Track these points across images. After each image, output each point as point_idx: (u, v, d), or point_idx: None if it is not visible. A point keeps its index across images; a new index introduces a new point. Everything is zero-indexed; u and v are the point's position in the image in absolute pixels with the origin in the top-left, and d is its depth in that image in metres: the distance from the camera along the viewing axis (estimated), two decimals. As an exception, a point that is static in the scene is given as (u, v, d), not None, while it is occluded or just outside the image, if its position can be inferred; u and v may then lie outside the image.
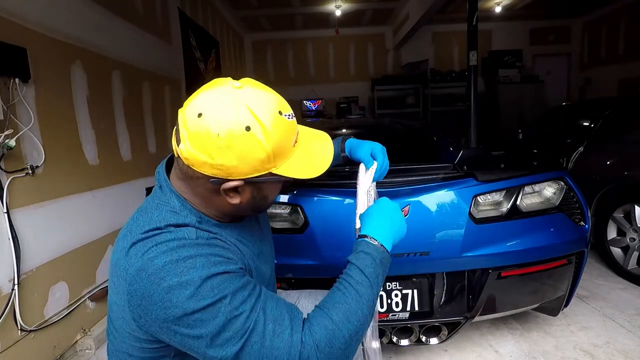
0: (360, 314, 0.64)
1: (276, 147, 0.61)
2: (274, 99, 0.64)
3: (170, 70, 3.53)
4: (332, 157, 0.73)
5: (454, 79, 7.01)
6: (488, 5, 6.19)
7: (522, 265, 1.49)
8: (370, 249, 0.70)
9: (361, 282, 0.67)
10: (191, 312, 0.57)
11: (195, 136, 0.59)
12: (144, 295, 0.58)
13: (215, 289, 0.58)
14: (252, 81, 0.66)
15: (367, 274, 0.68)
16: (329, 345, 0.61)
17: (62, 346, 1.90)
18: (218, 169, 0.60)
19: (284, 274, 1.50)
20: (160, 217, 0.64)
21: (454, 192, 1.45)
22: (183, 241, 0.61)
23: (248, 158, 0.60)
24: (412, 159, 1.95)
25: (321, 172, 0.69)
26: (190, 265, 0.58)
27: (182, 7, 3.89)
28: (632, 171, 2.39)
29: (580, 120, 3.12)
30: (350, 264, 0.70)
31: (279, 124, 0.62)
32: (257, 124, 0.59)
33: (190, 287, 0.57)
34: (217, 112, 0.59)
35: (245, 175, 0.62)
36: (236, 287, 0.60)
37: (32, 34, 1.79)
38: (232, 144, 0.58)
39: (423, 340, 1.53)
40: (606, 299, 2.17)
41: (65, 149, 2.00)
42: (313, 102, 7.19)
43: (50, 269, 1.84)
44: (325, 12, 6.11)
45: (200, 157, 0.60)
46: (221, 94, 0.61)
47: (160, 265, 0.58)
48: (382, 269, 0.70)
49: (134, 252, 0.61)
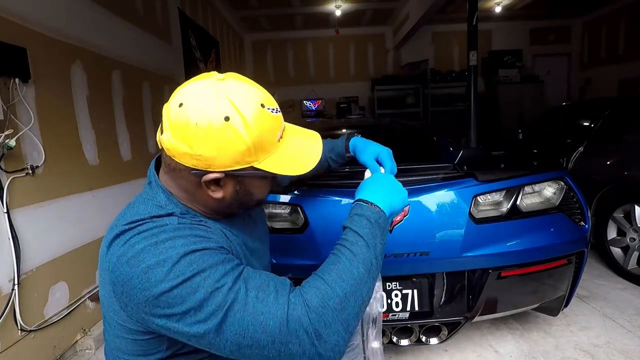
0: (356, 272, 0.62)
1: (257, 140, 0.60)
2: (257, 92, 0.63)
3: (170, 70, 3.53)
4: (319, 156, 0.72)
5: (454, 79, 7.01)
6: (488, 5, 6.19)
7: (522, 265, 1.49)
8: (363, 210, 0.69)
9: (355, 242, 0.65)
10: (169, 288, 0.55)
11: (175, 126, 0.59)
12: (125, 281, 0.57)
13: (193, 263, 0.57)
14: (237, 75, 0.65)
15: (362, 234, 0.65)
16: (322, 305, 0.57)
17: (62, 346, 1.90)
18: (197, 159, 0.60)
19: (284, 274, 1.49)
20: (146, 210, 0.64)
21: (454, 192, 1.45)
22: (164, 227, 0.61)
23: (227, 149, 0.59)
24: (412, 159, 1.95)
25: (306, 169, 0.68)
26: (169, 246, 0.58)
27: (182, 7, 3.89)
28: (632, 171, 2.39)
29: (580, 120, 3.12)
30: (346, 228, 0.68)
31: (261, 116, 0.61)
32: (237, 114, 0.59)
33: (167, 264, 0.56)
34: (198, 102, 0.59)
35: (225, 168, 0.61)
36: (216, 260, 0.58)
37: (32, 34, 1.79)
38: (210, 133, 0.58)
39: (423, 340, 1.53)
40: (606, 299, 2.17)
41: (65, 149, 2.00)
42: (313, 102, 7.19)
43: (50, 269, 1.84)
44: (325, 12, 6.11)
45: (180, 148, 0.59)
46: (203, 85, 0.61)
47: (139, 249, 0.58)
48: (379, 229, 0.68)
49: (116, 242, 0.61)
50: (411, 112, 6.98)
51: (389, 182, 0.77)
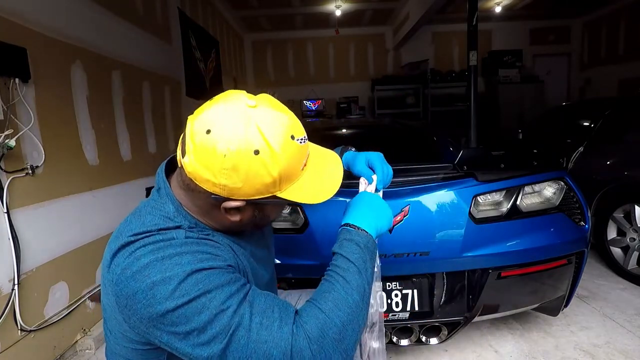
0: (351, 300, 0.62)
1: (283, 172, 0.60)
2: (288, 121, 0.61)
3: (170, 70, 3.53)
4: (340, 182, 0.71)
5: (454, 79, 7.01)
6: (488, 5, 6.19)
7: (522, 265, 1.49)
8: (352, 236, 0.69)
9: (347, 269, 0.65)
10: (174, 307, 0.55)
11: (201, 152, 0.57)
12: (129, 295, 0.57)
13: (199, 283, 0.56)
14: (269, 100, 0.63)
15: (353, 260, 0.66)
16: (322, 336, 0.58)
17: (62, 346, 1.90)
18: (220, 188, 0.59)
19: (284, 274, 1.50)
20: (153, 222, 0.63)
21: (454, 192, 1.45)
22: (171, 241, 0.60)
23: (253, 182, 0.58)
24: (412, 159, 1.95)
25: (327, 197, 0.67)
26: (175, 262, 0.57)
27: (182, 7, 3.89)
28: (632, 171, 2.39)
29: (580, 120, 3.12)
30: (336, 254, 0.68)
31: (290, 148, 0.60)
32: (266, 147, 0.57)
33: (173, 282, 0.55)
34: (227, 130, 0.56)
35: (248, 197, 0.61)
36: (222, 281, 0.58)
37: (32, 34, 1.79)
38: (238, 166, 0.57)
39: (423, 340, 1.53)
40: (606, 299, 2.17)
41: (65, 149, 2.00)
42: (313, 102, 7.19)
43: (50, 269, 1.84)
44: (325, 12, 6.11)
45: (203, 174, 0.58)
46: (233, 111, 0.58)
47: (145, 264, 0.57)
48: (369, 254, 0.68)
49: (121, 254, 0.60)
50: (411, 112, 6.99)
51: (374, 202, 0.76)
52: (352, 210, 0.75)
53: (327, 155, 0.75)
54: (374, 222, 0.73)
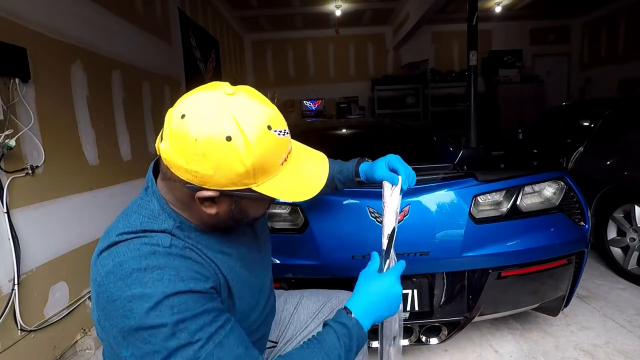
0: None
1: (258, 163, 0.58)
2: (266, 111, 0.60)
3: (170, 70, 3.53)
4: (324, 183, 0.69)
5: (454, 79, 7.02)
6: (488, 5, 6.20)
7: (522, 265, 1.49)
8: (350, 323, 0.68)
9: (334, 348, 0.65)
10: (147, 327, 0.55)
11: (174, 137, 0.57)
12: (109, 300, 0.57)
13: (175, 307, 0.56)
14: (249, 90, 0.62)
15: (343, 342, 0.66)
16: None
17: (62, 346, 1.90)
18: (192, 175, 0.57)
19: (284, 274, 1.50)
20: (138, 221, 0.63)
21: (454, 192, 1.45)
22: (155, 247, 0.59)
23: (224, 169, 0.57)
24: (412, 159, 1.95)
25: (308, 197, 0.65)
26: (157, 277, 0.56)
27: (182, 7, 3.89)
28: (632, 171, 2.39)
29: (580, 120, 3.12)
30: (329, 327, 0.68)
31: (266, 138, 0.58)
32: (239, 135, 0.56)
33: (151, 301, 0.55)
34: (200, 116, 0.56)
35: (221, 187, 0.59)
36: (199, 310, 0.57)
37: (32, 34, 1.79)
38: (208, 152, 0.55)
39: (423, 340, 1.53)
40: (606, 299, 2.17)
41: (65, 149, 2.00)
42: (313, 102, 7.19)
43: (50, 269, 1.84)
44: (325, 12, 6.11)
45: (177, 160, 0.57)
46: (210, 98, 0.58)
47: (128, 272, 0.57)
48: (357, 342, 0.68)
49: (106, 255, 0.60)
50: (411, 112, 6.99)
51: (389, 295, 0.74)
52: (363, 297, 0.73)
53: (314, 155, 0.73)
54: (377, 319, 0.72)
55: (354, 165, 1.04)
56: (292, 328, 1.00)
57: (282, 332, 0.99)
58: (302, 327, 0.99)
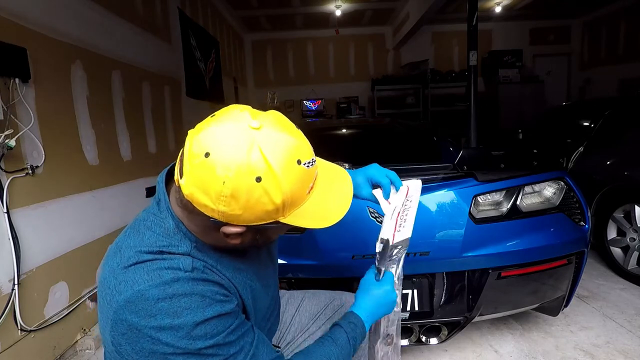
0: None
1: (287, 199, 0.56)
2: (295, 145, 0.56)
3: (170, 70, 3.53)
4: (349, 203, 0.67)
5: (454, 79, 7.02)
6: (488, 5, 6.20)
7: (522, 265, 1.49)
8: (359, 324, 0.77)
9: (345, 347, 0.73)
10: (180, 353, 0.56)
11: (198, 176, 0.53)
12: (132, 327, 0.56)
13: (208, 333, 0.57)
14: (275, 119, 0.58)
15: (352, 344, 0.74)
16: None
17: (62, 346, 1.90)
18: (219, 214, 0.55)
19: (284, 274, 1.50)
20: (152, 239, 0.60)
21: (454, 192, 1.45)
22: (177, 273, 0.57)
23: (254, 209, 0.55)
24: (412, 159, 1.95)
25: (335, 221, 0.63)
26: (185, 306, 0.56)
27: (182, 7, 3.89)
28: (632, 171, 2.39)
29: (580, 120, 3.12)
30: (340, 328, 0.75)
31: (296, 174, 0.56)
32: (269, 174, 0.53)
33: (183, 331, 0.55)
34: (226, 154, 0.52)
35: (248, 223, 0.57)
36: (229, 330, 0.60)
37: (32, 34, 1.79)
38: (238, 193, 0.52)
39: (423, 340, 1.53)
40: (606, 299, 2.17)
41: (65, 149, 2.00)
42: (313, 102, 7.19)
43: (50, 269, 1.84)
44: (325, 12, 6.11)
45: (201, 199, 0.54)
46: (235, 133, 0.54)
47: (152, 301, 0.55)
48: (359, 344, 0.77)
49: (123, 279, 0.57)
50: (411, 112, 6.99)
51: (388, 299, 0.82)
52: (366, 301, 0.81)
53: (336, 173, 0.71)
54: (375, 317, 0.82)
55: None
56: (293, 330, 0.99)
57: (282, 335, 0.99)
58: (303, 329, 0.99)
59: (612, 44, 6.49)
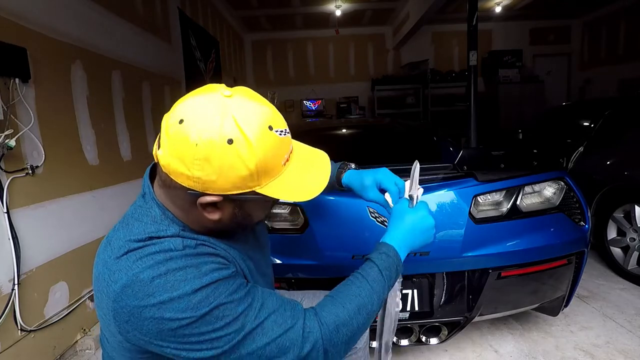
0: (370, 308, 0.67)
1: (261, 164, 0.57)
2: (266, 111, 0.59)
3: (170, 70, 3.53)
4: (325, 183, 0.67)
5: (454, 79, 7.02)
6: (488, 5, 6.20)
7: (522, 265, 1.49)
8: (390, 252, 0.73)
9: (378, 281, 0.69)
10: (187, 324, 0.55)
11: (174, 143, 0.55)
12: (133, 312, 0.55)
13: (210, 297, 0.56)
14: (246, 90, 0.61)
15: (385, 275, 0.70)
16: (335, 331, 0.62)
17: (62, 346, 1.90)
18: (194, 181, 0.56)
19: (284, 274, 1.50)
20: (140, 228, 0.61)
21: (454, 192, 1.45)
22: (170, 253, 0.58)
23: (228, 174, 0.55)
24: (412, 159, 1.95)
25: (312, 196, 0.64)
26: (181, 278, 0.56)
27: (182, 7, 3.89)
28: (632, 171, 2.39)
29: (580, 120, 3.12)
30: (370, 261, 0.71)
31: (267, 139, 0.57)
32: (241, 137, 0.54)
33: (183, 301, 0.55)
34: (200, 119, 0.54)
35: (224, 192, 0.57)
36: (231, 290, 0.58)
37: (32, 34, 1.79)
38: (210, 156, 0.54)
39: (423, 340, 1.53)
40: (606, 299, 2.17)
41: (65, 149, 2.00)
42: (313, 102, 7.19)
43: (50, 269, 1.84)
44: (325, 12, 6.11)
45: (177, 167, 0.55)
46: (208, 101, 0.56)
47: (147, 281, 0.55)
48: (396, 274, 0.73)
49: (116, 268, 0.57)
50: (411, 112, 7.00)
51: (424, 225, 0.78)
52: (398, 228, 0.77)
53: (315, 154, 0.72)
54: (410, 246, 0.76)
55: (335, 171, 1.00)
56: None
57: None
58: None
59: (612, 44, 6.49)
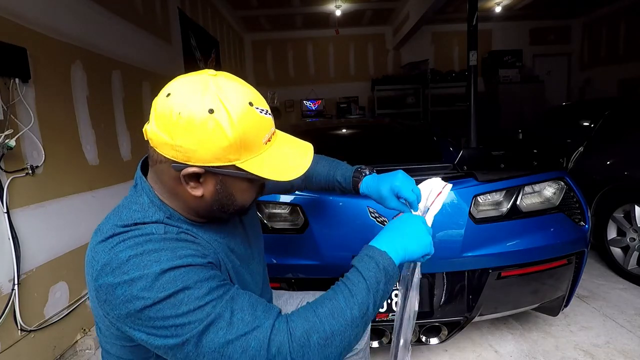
0: (349, 314, 0.60)
1: (241, 137, 0.59)
2: (247, 90, 0.63)
3: (170, 70, 3.53)
4: (307, 167, 0.67)
5: (454, 79, 7.01)
6: (488, 5, 6.19)
7: (522, 265, 1.49)
8: (374, 253, 0.67)
9: (356, 283, 0.64)
10: (151, 303, 0.55)
11: (160, 115, 0.59)
12: (108, 290, 0.56)
13: (177, 279, 0.56)
14: (230, 74, 0.65)
15: (366, 277, 0.64)
16: (305, 336, 0.57)
17: (62, 346, 1.90)
18: (177, 150, 0.58)
19: (284, 274, 1.50)
20: (128, 215, 0.63)
21: (453, 192, 1.45)
22: (150, 236, 0.60)
23: (208, 143, 0.58)
24: (412, 159, 1.95)
25: (290, 177, 0.64)
26: (154, 259, 0.57)
27: (182, 7, 3.89)
28: (632, 171, 2.39)
29: (580, 120, 3.12)
30: (352, 267, 0.68)
31: (248, 114, 0.60)
32: (222, 108, 0.58)
33: (150, 278, 0.55)
34: (184, 93, 0.59)
35: (205, 162, 0.59)
36: (201, 277, 0.58)
37: (32, 34, 1.79)
38: (192, 124, 0.57)
39: (423, 340, 1.53)
40: (606, 299, 2.17)
41: (65, 149, 2.00)
42: (313, 102, 7.19)
43: (50, 269, 1.84)
44: (325, 12, 6.11)
45: (162, 137, 0.59)
46: (194, 78, 0.61)
47: (124, 259, 0.57)
48: (385, 277, 0.66)
49: (100, 249, 0.59)
50: (411, 112, 6.99)
51: (412, 228, 0.73)
52: (387, 231, 0.74)
53: (299, 142, 0.73)
54: (403, 248, 0.70)
55: (352, 171, 1.01)
56: None
57: None
58: None
59: (612, 44, 6.49)
